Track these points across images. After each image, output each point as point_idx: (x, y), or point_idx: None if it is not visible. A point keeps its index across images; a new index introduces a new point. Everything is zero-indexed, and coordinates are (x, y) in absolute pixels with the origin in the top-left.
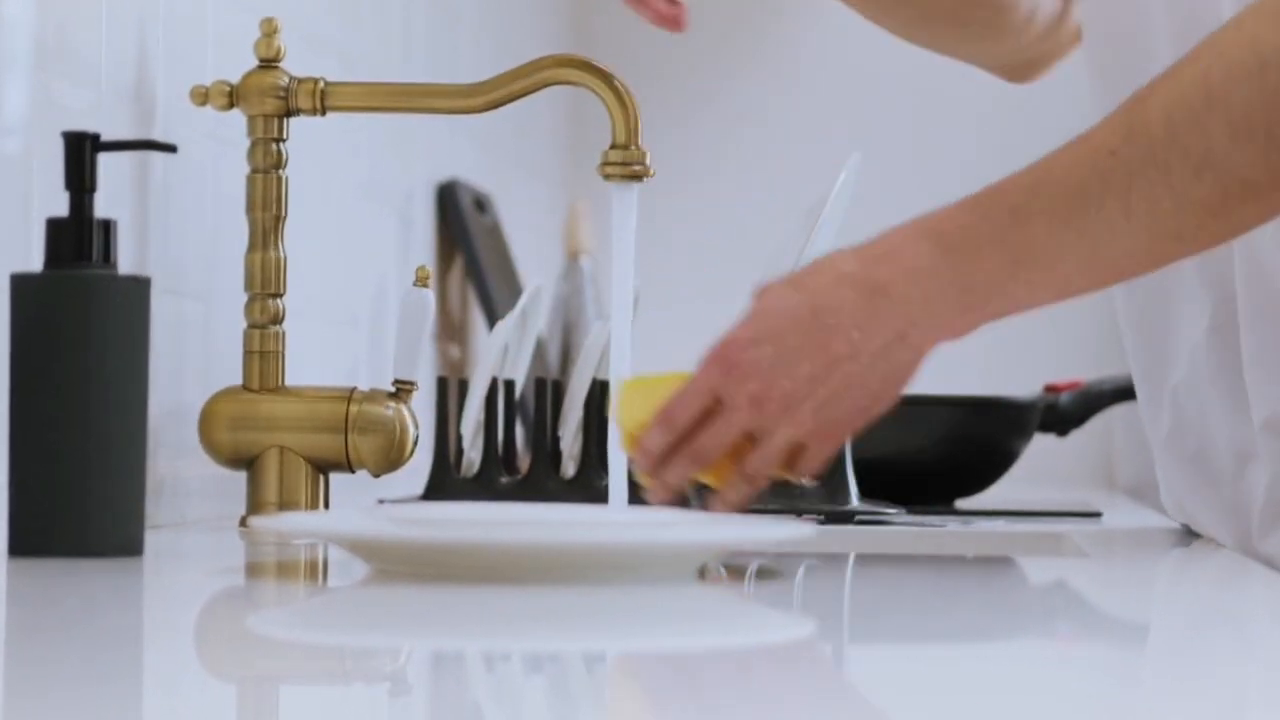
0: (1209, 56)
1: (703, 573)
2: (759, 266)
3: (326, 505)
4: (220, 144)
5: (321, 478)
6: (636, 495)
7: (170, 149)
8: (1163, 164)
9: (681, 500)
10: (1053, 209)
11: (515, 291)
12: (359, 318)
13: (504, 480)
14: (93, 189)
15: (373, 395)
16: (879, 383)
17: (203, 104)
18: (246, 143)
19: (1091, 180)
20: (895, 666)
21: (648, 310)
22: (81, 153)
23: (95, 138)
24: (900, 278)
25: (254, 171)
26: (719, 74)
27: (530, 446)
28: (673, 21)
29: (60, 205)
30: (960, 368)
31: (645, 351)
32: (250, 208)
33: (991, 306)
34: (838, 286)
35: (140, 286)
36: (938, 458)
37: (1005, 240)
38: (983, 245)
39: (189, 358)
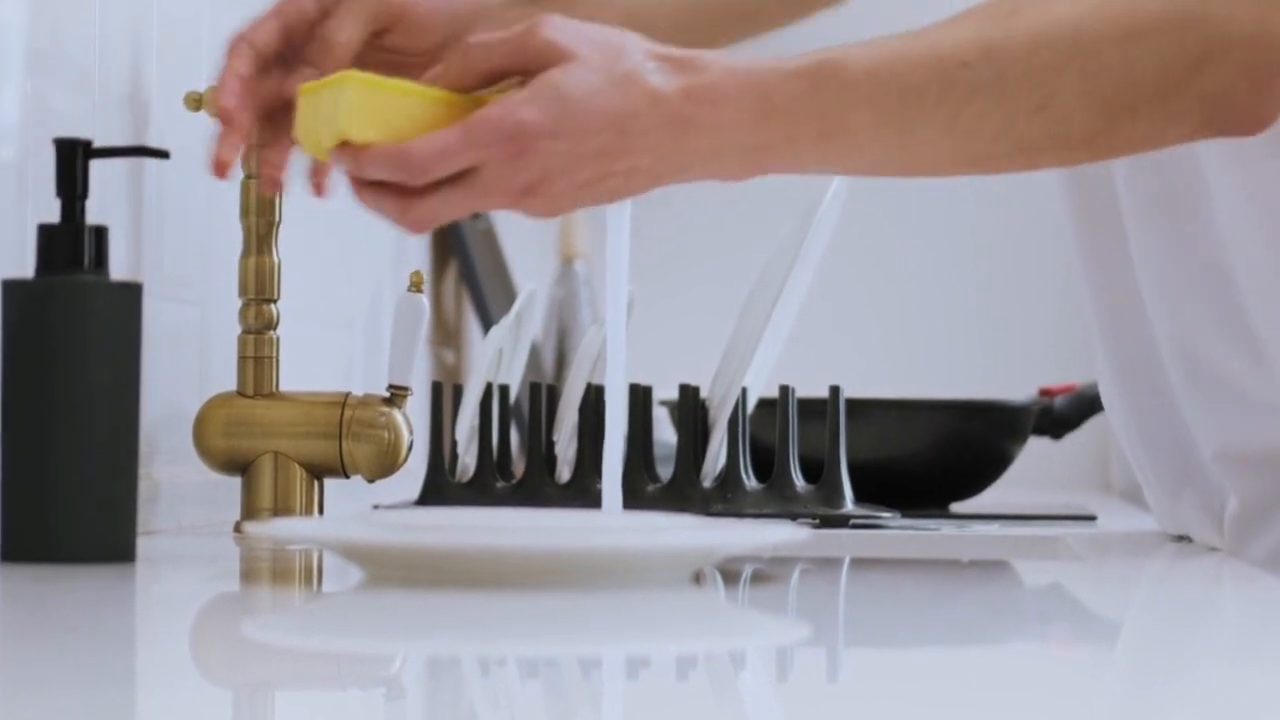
0: (1089, 3)
1: (697, 577)
2: (754, 270)
3: (321, 511)
4: None
5: (316, 483)
6: (632, 500)
7: (164, 155)
8: (1006, 94)
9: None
10: (883, 101)
11: (510, 296)
12: (353, 323)
13: (499, 485)
14: (85, 195)
15: (367, 401)
16: (621, 194)
17: (196, 110)
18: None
19: (932, 85)
20: (890, 670)
21: (642, 314)
22: (74, 159)
23: (87, 144)
24: (711, 124)
25: (248, 177)
26: None
27: (525, 451)
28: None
29: (53, 212)
30: (955, 371)
31: (640, 356)
32: (244, 213)
33: (777, 167)
34: (652, 106)
35: (132, 292)
36: (932, 461)
37: (825, 115)
38: (802, 117)
39: (183, 363)
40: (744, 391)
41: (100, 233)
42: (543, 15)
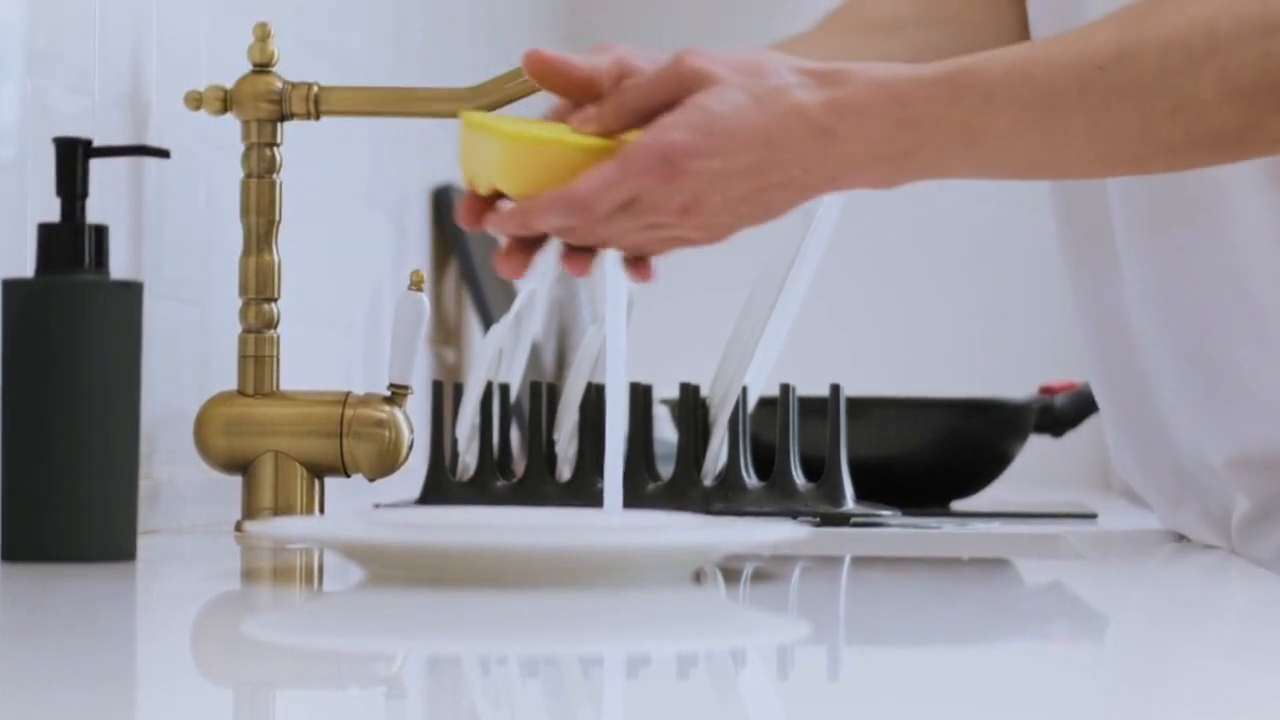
0: (1222, 2)
1: (698, 576)
2: (754, 269)
3: (322, 510)
4: (214, 149)
5: (317, 482)
6: (632, 499)
7: (164, 154)
8: (1145, 95)
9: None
10: (1023, 106)
11: (510, 295)
12: (354, 322)
13: (499, 484)
14: (85, 194)
15: (368, 399)
16: (779, 208)
17: (197, 109)
18: (241, 147)
19: (1070, 90)
20: (891, 669)
21: (643, 313)
22: (74, 158)
23: (87, 144)
24: (854, 135)
25: (248, 176)
26: None
27: (525, 450)
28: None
29: (53, 211)
30: (956, 369)
31: (640, 355)
32: (245, 212)
33: (925, 173)
34: (797, 119)
35: (132, 291)
36: (933, 459)
37: (967, 124)
38: (944, 124)
39: (184, 362)
40: (744, 390)
41: (100, 232)
42: (687, 48)
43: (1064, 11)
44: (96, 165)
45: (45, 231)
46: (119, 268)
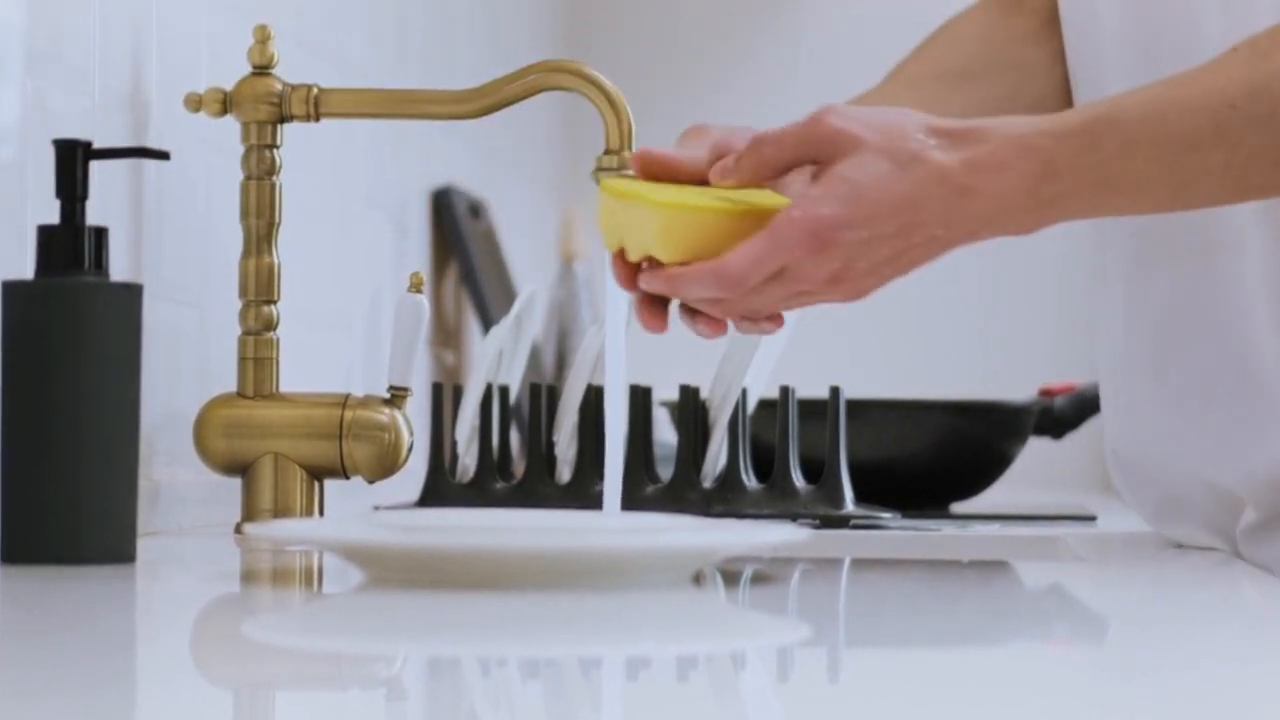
0: None
1: (698, 578)
2: None
3: (321, 512)
4: (214, 151)
5: (316, 484)
6: (632, 501)
7: (164, 156)
8: (1277, 127)
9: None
10: (1160, 149)
11: (510, 297)
12: (354, 324)
13: (499, 486)
14: (84, 196)
15: (367, 401)
16: (920, 263)
17: (196, 111)
18: (241, 149)
19: (1206, 130)
20: (891, 671)
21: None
22: (73, 160)
23: (87, 145)
24: (994, 191)
25: (248, 178)
26: (712, 79)
27: (525, 452)
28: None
29: (53, 213)
30: (955, 371)
31: (640, 356)
32: (244, 214)
33: (1062, 218)
34: (937, 183)
35: (132, 293)
36: (933, 461)
37: (1106, 170)
38: (1082, 173)
39: (184, 364)
40: (744, 392)
41: (100, 234)
42: (827, 105)
43: (1086, 56)
44: (96, 167)
45: (45, 233)
46: (119, 270)
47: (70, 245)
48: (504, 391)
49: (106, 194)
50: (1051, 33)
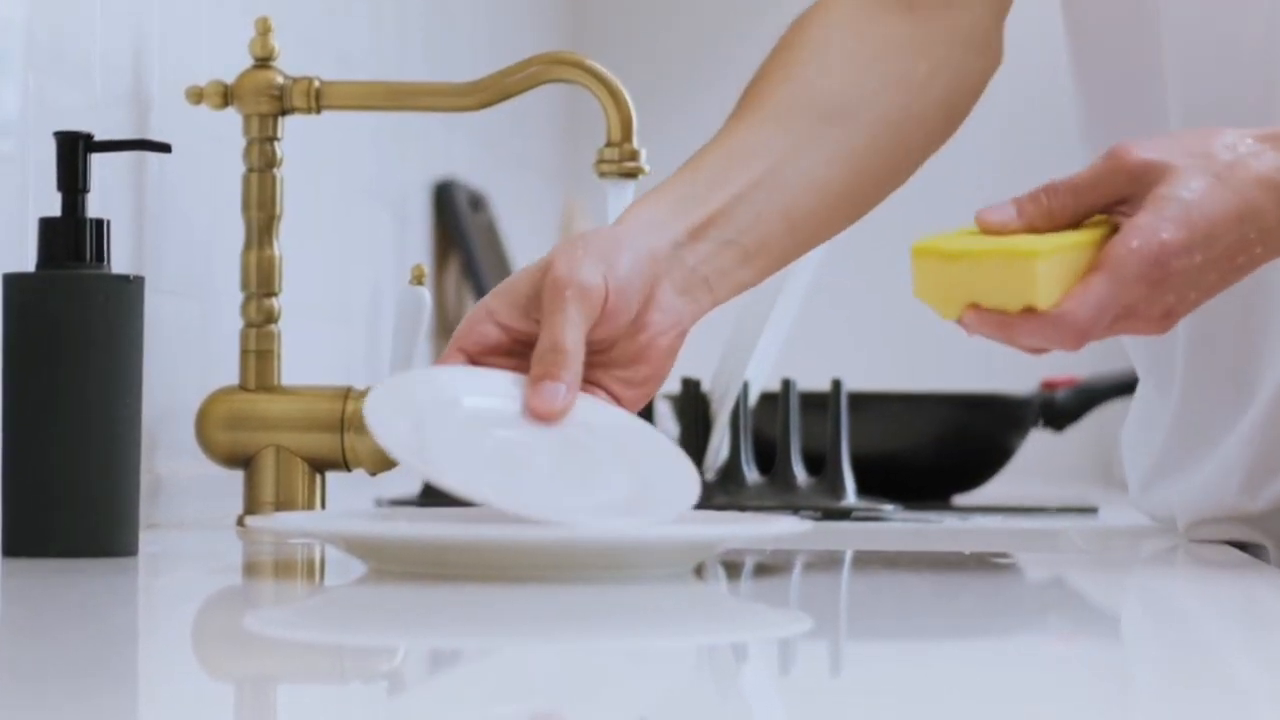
0: None
1: (700, 570)
2: None
3: (323, 504)
4: (215, 143)
5: (318, 477)
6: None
7: (165, 149)
8: None
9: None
10: None
11: None
12: (355, 317)
13: None
14: (86, 189)
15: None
16: (1230, 283)
17: (198, 103)
18: (242, 142)
19: None
20: (892, 663)
21: None
22: (74, 153)
23: (88, 138)
24: None
25: (249, 171)
26: (714, 72)
27: None
28: None
29: (54, 205)
30: (957, 364)
31: None
32: (246, 207)
33: None
34: (1263, 190)
35: (134, 286)
36: (935, 454)
37: None
38: None
39: (185, 357)
40: (746, 385)
41: (101, 226)
42: (1118, 143)
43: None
44: (97, 159)
45: (46, 226)
46: (120, 262)
47: (71, 238)
48: None
49: (108, 187)
50: (937, 38)
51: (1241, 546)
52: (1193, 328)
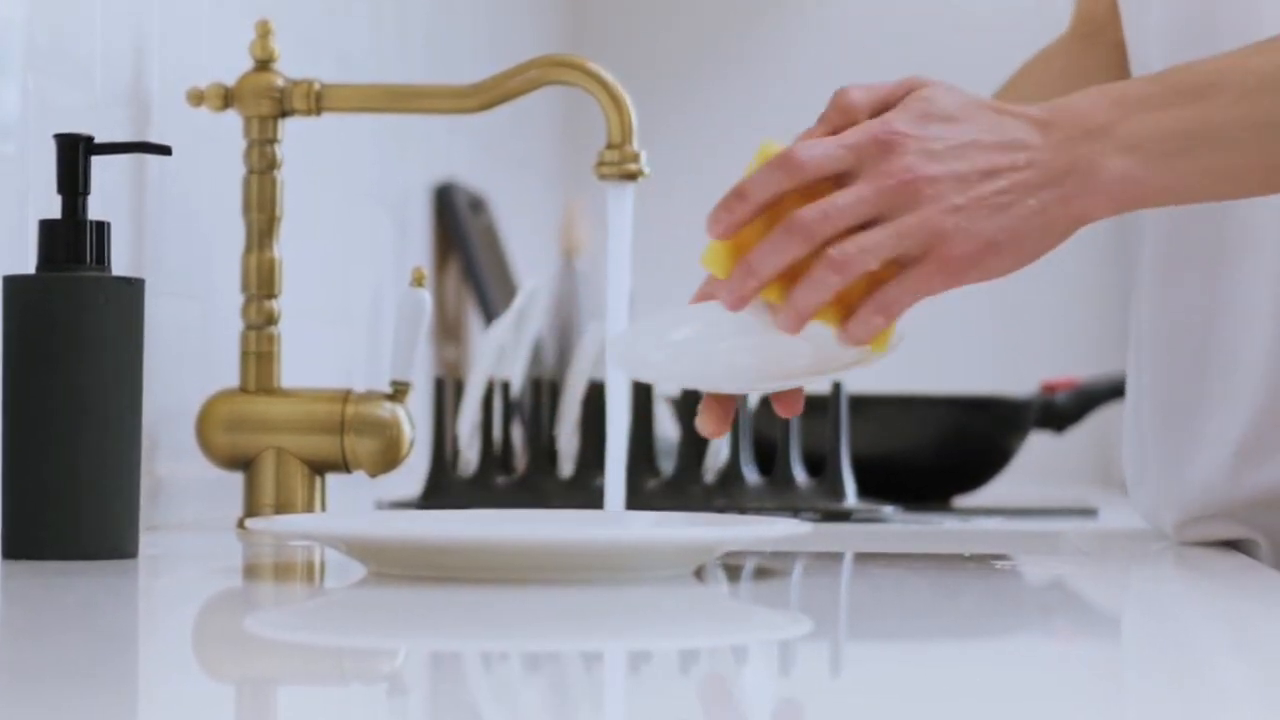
0: None
1: (700, 572)
2: None
3: (323, 506)
4: (216, 146)
5: (318, 479)
6: (634, 495)
7: (165, 151)
8: None
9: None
10: (1237, 89)
11: (511, 292)
12: (355, 319)
13: (501, 480)
14: (86, 191)
15: (369, 396)
16: (1025, 224)
17: (198, 105)
18: (242, 144)
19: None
20: (892, 665)
21: (643, 310)
22: (75, 155)
23: (88, 140)
24: (1070, 122)
25: (250, 173)
26: (714, 74)
27: (527, 446)
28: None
29: (54, 207)
30: (957, 366)
31: None
32: (246, 209)
33: (1158, 179)
34: (1013, 118)
35: (134, 288)
36: (934, 456)
37: (1183, 112)
38: (1158, 108)
39: (185, 359)
40: None
41: (102, 228)
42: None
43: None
44: (98, 162)
45: (46, 228)
46: (120, 264)
47: (72, 240)
48: (506, 386)
49: (108, 189)
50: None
51: (1233, 544)
52: (1163, 312)
